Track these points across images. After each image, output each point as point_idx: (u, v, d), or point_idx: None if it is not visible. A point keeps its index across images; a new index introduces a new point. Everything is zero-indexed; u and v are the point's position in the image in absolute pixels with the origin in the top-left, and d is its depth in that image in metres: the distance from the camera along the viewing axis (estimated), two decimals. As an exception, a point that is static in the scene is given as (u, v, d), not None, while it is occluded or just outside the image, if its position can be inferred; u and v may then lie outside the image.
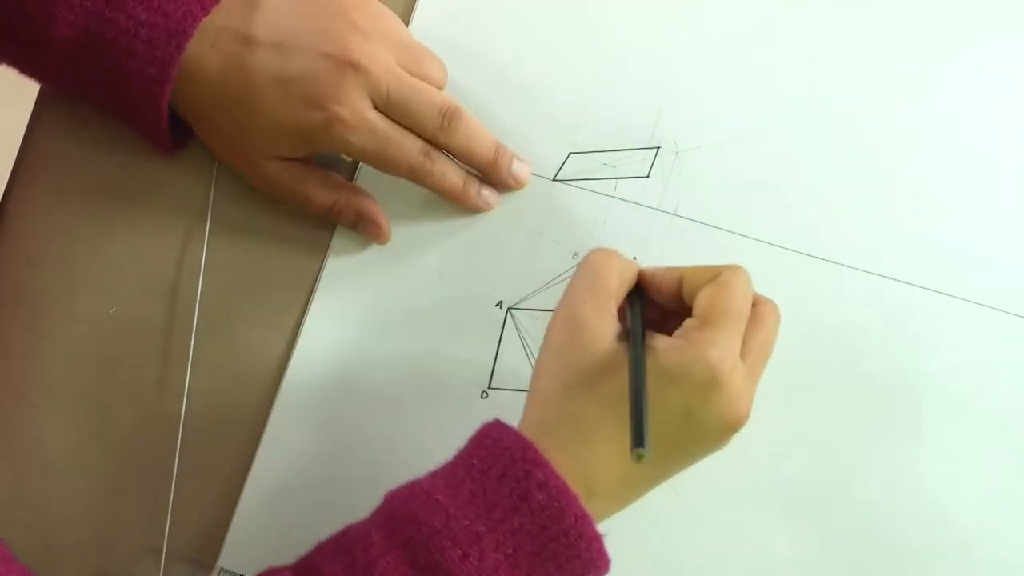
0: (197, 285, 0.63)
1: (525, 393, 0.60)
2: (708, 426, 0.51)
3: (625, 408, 0.49)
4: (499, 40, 0.65)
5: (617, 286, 0.53)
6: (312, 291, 0.63)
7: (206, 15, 0.58)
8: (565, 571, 0.50)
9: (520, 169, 0.62)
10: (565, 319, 0.53)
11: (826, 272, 0.61)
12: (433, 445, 0.60)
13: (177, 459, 0.61)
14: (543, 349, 0.54)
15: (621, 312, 0.54)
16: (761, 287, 0.61)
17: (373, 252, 0.63)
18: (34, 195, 0.64)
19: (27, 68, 0.61)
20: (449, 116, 0.59)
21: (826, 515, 0.59)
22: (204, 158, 0.64)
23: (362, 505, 0.52)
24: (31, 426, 0.62)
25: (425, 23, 0.65)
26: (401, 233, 0.63)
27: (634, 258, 0.57)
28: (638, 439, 0.48)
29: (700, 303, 0.52)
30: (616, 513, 0.53)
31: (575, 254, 0.62)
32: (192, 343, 0.62)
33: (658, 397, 0.50)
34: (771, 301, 0.54)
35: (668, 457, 0.52)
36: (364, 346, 0.62)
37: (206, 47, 0.58)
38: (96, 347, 0.62)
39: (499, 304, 0.62)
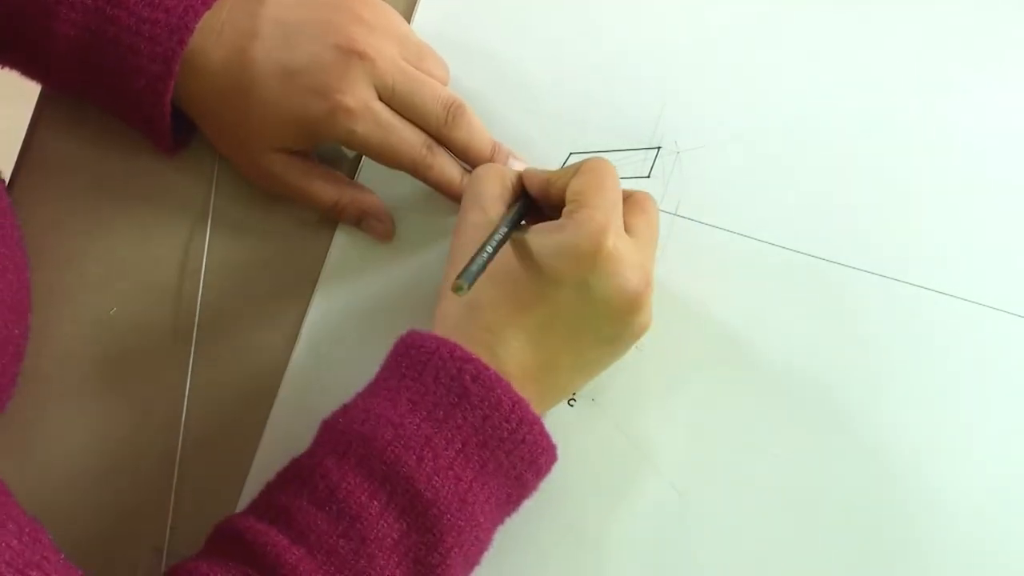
0: (198, 285, 0.62)
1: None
2: (606, 296, 0.53)
3: (515, 286, 0.53)
4: (500, 39, 0.65)
5: (499, 191, 0.57)
6: (312, 291, 0.63)
7: (208, 10, 0.58)
8: (514, 457, 0.53)
9: (516, 166, 0.62)
10: (458, 229, 0.57)
11: (827, 272, 0.61)
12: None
13: (178, 458, 0.61)
14: (446, 261, 0.57)
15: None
16: (762, 287, 0.61)
17: (373, 252, 0.63)
18: (35, 195, 0.64)
19: (30, 70, 0.61)
20: (454, 111, 0.60)
21: (826, 515, 0.59)
22: (205, 157, 0.64)
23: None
24: (31, 426, 0.62)
25: (426, 21, 0.65)
26: (402, 233, 0.63)
27: None
28: (462, 272, 0.51)
29: (571, 192, 0.54)
30: (549, 405, 0.56)
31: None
32: (193, 343, 0.62)
33: (552, 275, 0.53)
34: (643, 191, 0.58)
35: (578, 336, 0.54)
36: (364, 346, 0.62)
37: (210, 41, 0.58)
38: (97, 347, 0.62)
39: (500, 304, 0.62)
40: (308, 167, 0.61)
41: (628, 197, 0.56)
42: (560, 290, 0.53)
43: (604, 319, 0.54)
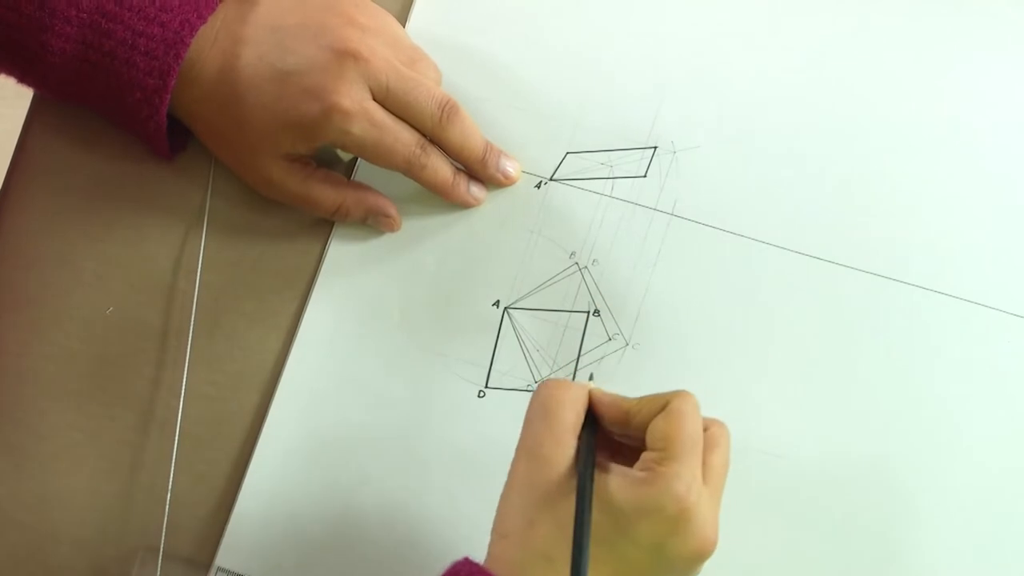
0: (194, 285, 0.63)
1: (521, 392, 0.61)
2: (679, 556, 0.50)
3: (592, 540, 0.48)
4: (496, 40, 0.65)
5: (573, 419, 0.52)
6: (308, 291, 0.63)
7: (203, 23, 0.58)
8: None
9: (509, 166, 0.62)
10: (526, 457, 0.52)
11: (824, 272, 0.61)
12: (430, 444, 0.61)
13: (174, 458, 0.61)
14: (506, 488, 0.52)
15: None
16: (759, 287, 0.61)
17: (369, 253, 0.63)
18: (31, 195, 0.64)
19: (26, 80, 0.61)
20: (448, 111, 0.59)
21: (826, 515, 0.59)
22: (201, 158, 0.63)
23: (358, 504, 0.52)
24: (29, 426, 0.62)
25: (422, 24, 0.65)
26: (398, 234, 0.63)
27: (590, 377, 0.59)
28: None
29: (654, 435, 0.51)
30: None
31: (572, 253, 0.62)
32: (189, 343, 0.62)
33: (629, 532, 0.49)
34: (719, 421, 0.53)
35: None
36: (361, 346, 0.62)
37: (205, 51, 0.58)
38: (93, 347, 0.62)
39: (496, 303, 0.62)
40: (308, 172, 0.61)
41: (704, 431, 0.52)
42: (632, 548, 0.49)
43: (668, 572, 0.51)
